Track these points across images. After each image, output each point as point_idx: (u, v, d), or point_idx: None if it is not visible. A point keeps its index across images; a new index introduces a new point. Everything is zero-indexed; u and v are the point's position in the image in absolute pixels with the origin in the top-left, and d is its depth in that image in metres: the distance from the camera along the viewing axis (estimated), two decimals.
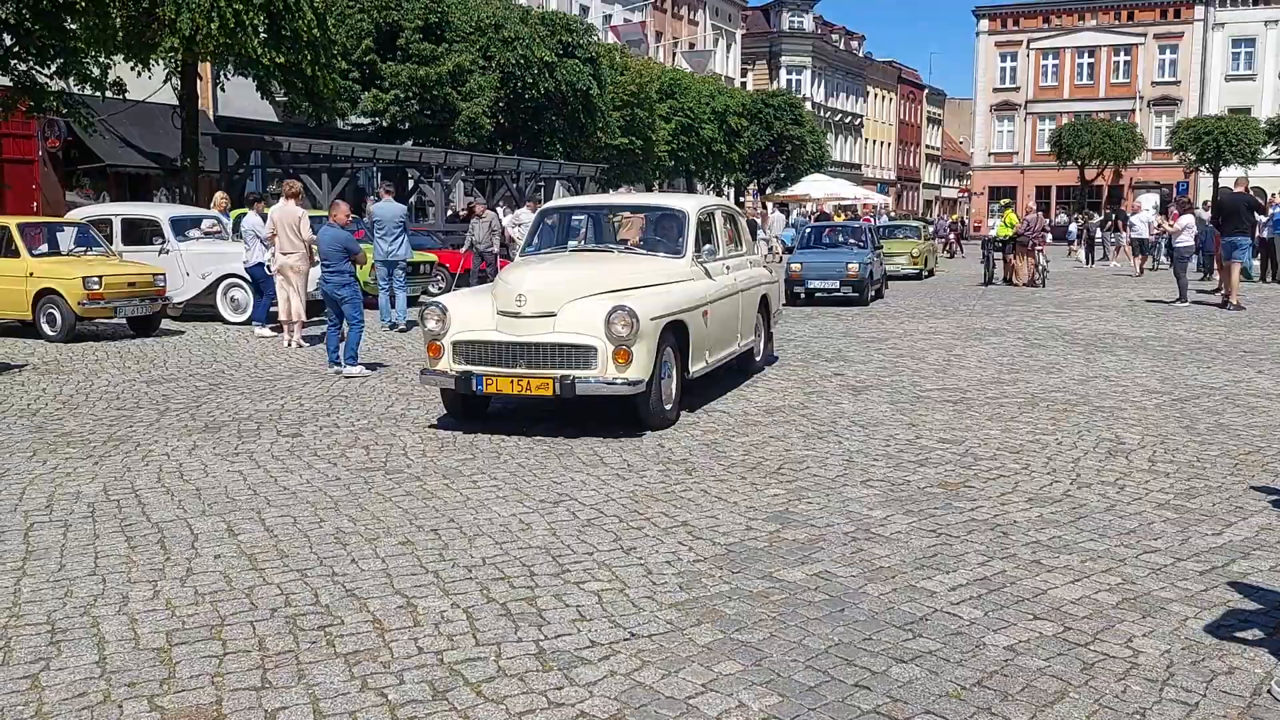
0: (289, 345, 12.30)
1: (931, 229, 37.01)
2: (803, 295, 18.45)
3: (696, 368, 8.29)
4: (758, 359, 10.43)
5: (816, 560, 4.83)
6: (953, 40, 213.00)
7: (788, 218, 38.60)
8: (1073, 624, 4.09)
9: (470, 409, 7.98)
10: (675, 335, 7.82)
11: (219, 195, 17.01)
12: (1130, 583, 4.55)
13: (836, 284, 18.17)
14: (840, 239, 21.17)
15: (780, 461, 6.78)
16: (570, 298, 7.48)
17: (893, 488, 6.13)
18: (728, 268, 9.25)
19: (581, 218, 10.24)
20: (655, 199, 11.12)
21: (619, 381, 7.23)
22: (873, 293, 19.14)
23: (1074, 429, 7.79)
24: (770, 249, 31.23)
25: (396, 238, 13.96)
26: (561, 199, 11.32)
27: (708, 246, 8.83)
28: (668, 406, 7.78)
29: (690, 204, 9.16)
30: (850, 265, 18.21)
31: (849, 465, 6.68)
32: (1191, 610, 4.24)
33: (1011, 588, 4.48)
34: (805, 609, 4.23)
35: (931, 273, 27.05)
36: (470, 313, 7.70)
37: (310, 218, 12.49)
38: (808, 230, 23.17)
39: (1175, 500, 5.87)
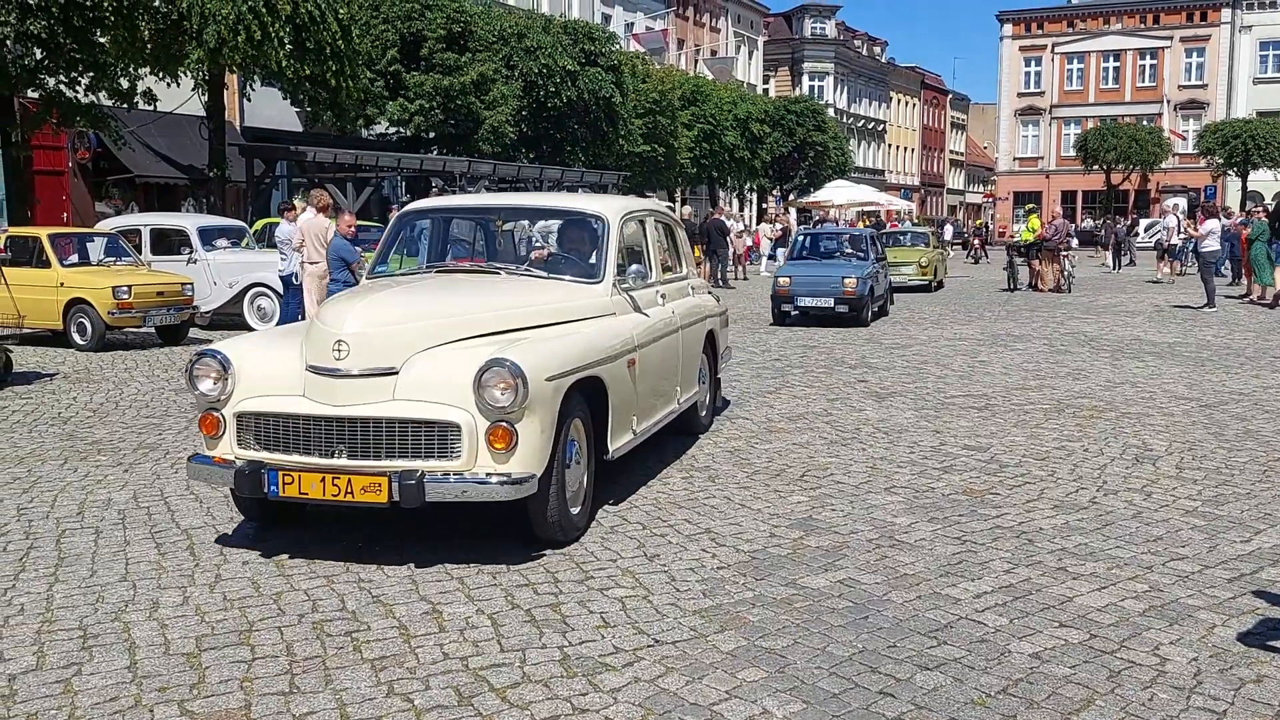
0: None
1: (938, 231, 35.35)
2: (792, 314, 16.14)
3: (619, 443, 5.72)
4: (703, 414, 7.85)
5: (840, 567, 4.83)
6: (976, 45, 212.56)
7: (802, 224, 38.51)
8: (1099, 632, 4.07)
9: (270, 511, 5.37)
10: (587, 399, 5.35)
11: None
12: (1157, 590, 4.52)
13: (830, 301, 15.70)
14: (837, 248, 18.48)
15: (804, 468, 6.78)
16: (421, 345, 4.94)
17: (917, 495, 6.11)
18: (663, 297, 6.77)
19: (464, 225, 7.46)
20: (562, 200, 8.07)
21: (496, 479, 4.69)
22: (875, 309, 16.84)
23: (1100, 435, 7.74)
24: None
25: None
26: (433, 198, 8.12)
27: (636, 267, 6.31)
28: (575, 510, 5.24)
29: (612, 208, 6.55)
30: (847, 280, 15.70)
31: (873, 472, 6.67)
32: (1220, 618, 4.21)
33: (1037, 595, 4.46)
34: (829, 616, 4.23)
35: (941, 284, 24.78)
36: (266, 366, 5.10)
37: None
38: (799, 238, 20.14)
39: (1203, 507, 5.83)
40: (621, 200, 7.23)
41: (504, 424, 4.70)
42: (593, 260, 6.26)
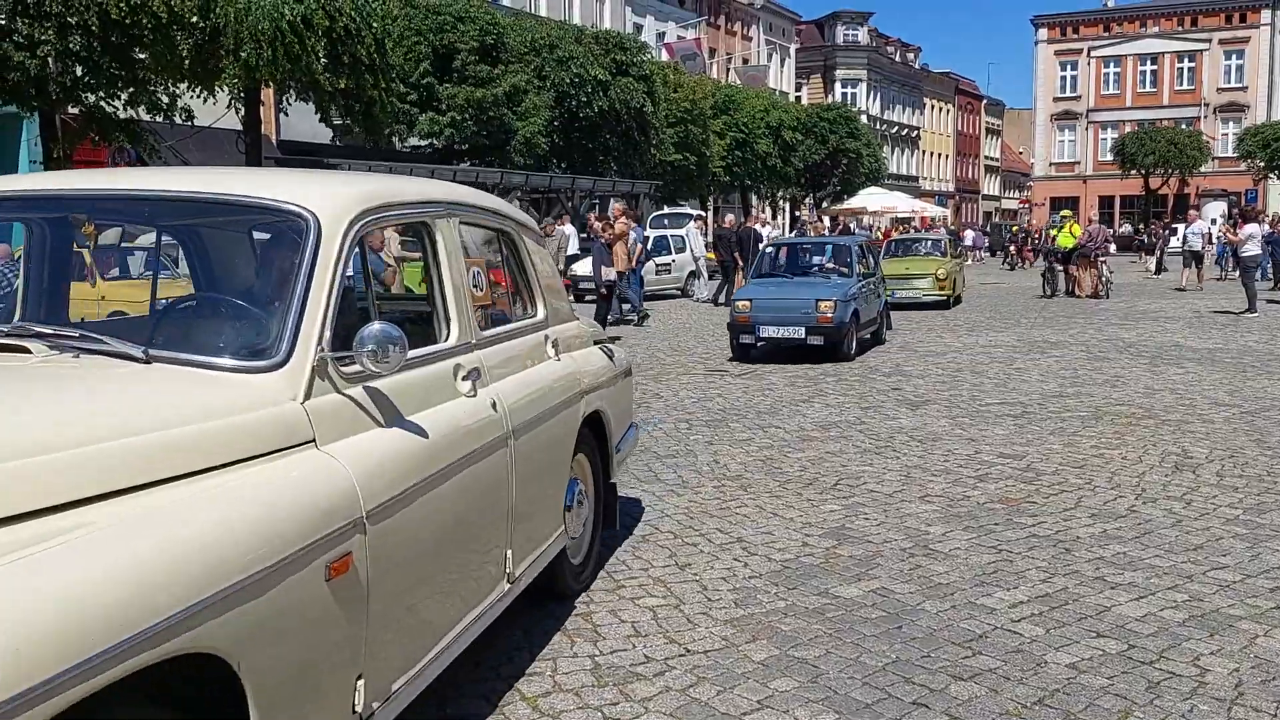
0: None
1: (965, 239, 31.71)
2: (756, 345, 12.82)
3: None
4: (579, 560, 4.60)
5: (873, 577, 4.79)
6: (1011, 50, 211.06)
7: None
8: (1137, 642, 4.01)
9: None
10: (191, 693, 2.10)
11: None
12: (1197, 600, 4.45)
13: (801, 331, 12.41)
14: (814, 262, 14.97)
15: (837, 477, 6.74)
16: None
17: (951, 503, 6.06)
18: (471, 377, 3.47)
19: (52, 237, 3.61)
20: (222, 181, 3.34)
21: None
22: (867, 335, 13.75)
23: (1139, 443, 7.64)
24: None
25: None
26: None
27: (378, 330, 2.73)
28: None
29: (337, 198, 3.06)
30: (822, 303, 12.42)
31: (907, 481, 6.62)
32: (1262, 628, 4.13)
33: (1074, 605, 4.40)
34: (862, 626, 4.20)
35: (959, 299, 21.88)
36: None
37: None
38: (766, 250, 16.06)
39: (1245, 515, 5.73)
40: (369, 184, 3.44)
41: None
42: (270, 314, 2.81)
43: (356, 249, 3.03)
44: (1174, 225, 42.13)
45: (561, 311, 4.72)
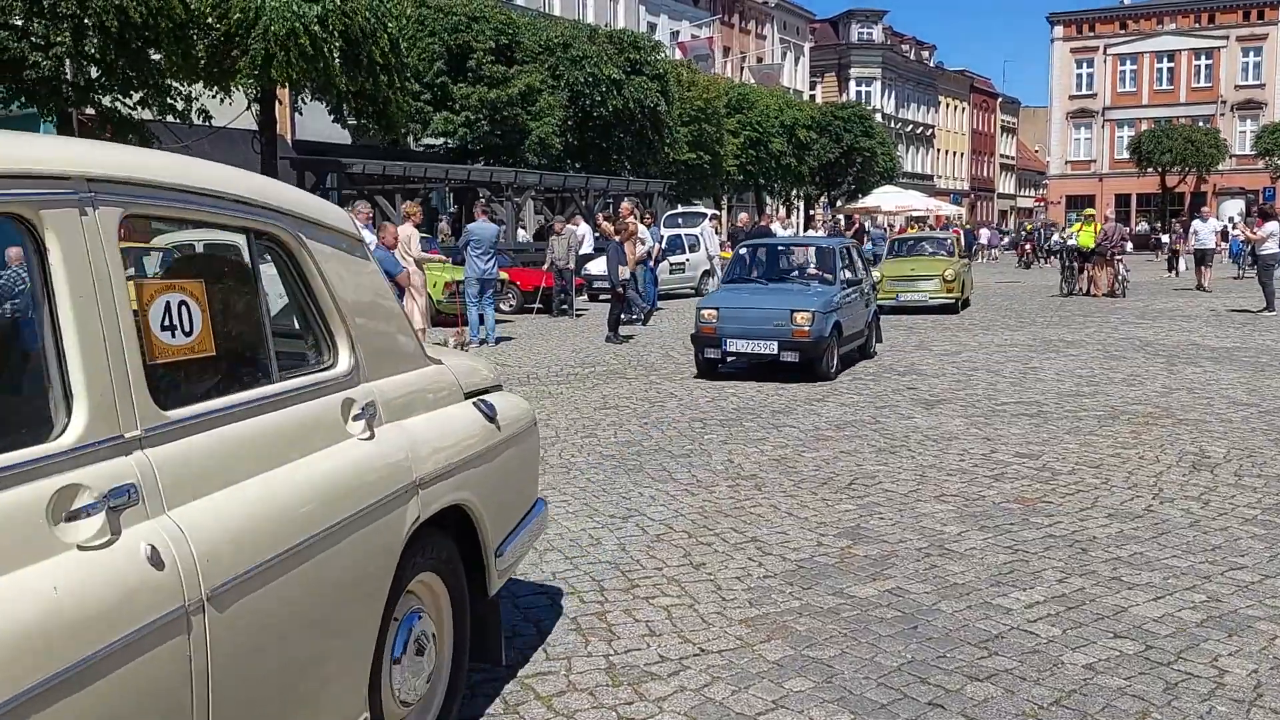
0: None
1: (981, 237, 29.76)
2: (726, 361, 11.20)
3: None
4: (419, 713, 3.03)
5: (889, 576, 4.78)
6: (1026, 48, 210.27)
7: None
8: (1155, 642, 3.98)
9: None
10: None
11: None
12: (1215, 600, 4.42)
13: (773, 346, 10.72)
14: (792, 267, 13.12)
15: (851, 477, 6.72)
16: None
17: (967, 503, 6.03)
18: (103, 509, 1.85)
19: None
20: None
21: None
22: (855, 347, 12.10)
23: (1156, 442, 7.60)
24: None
25: (492, 257, 14.47)
26: None
27: None
28: None
29: None
30: (798, 315, 10.70)
31: (922, 480, 6.60)
32: None
33: (1091, 605, 4.38)
34: (877, 626, 4.18)
35: (968, 302, 20.51)
36: None
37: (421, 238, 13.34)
38: (740, 252, 13.91)
39: (1263, 515, 5.69)
40: None
41: None
42: None
43: None
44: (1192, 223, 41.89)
45: (394, 355, 3.10)
